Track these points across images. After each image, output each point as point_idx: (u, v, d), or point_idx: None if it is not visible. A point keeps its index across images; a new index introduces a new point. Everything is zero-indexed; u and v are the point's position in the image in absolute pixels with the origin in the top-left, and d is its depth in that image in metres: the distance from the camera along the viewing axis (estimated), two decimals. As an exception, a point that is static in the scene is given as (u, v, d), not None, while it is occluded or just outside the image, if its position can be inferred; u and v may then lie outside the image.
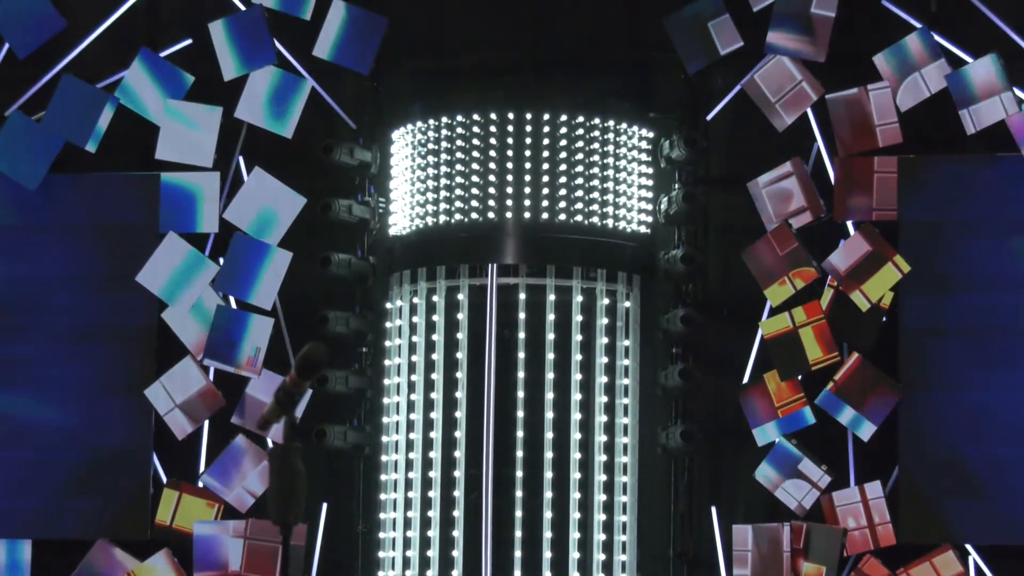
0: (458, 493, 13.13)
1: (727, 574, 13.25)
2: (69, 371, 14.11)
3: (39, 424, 14.11)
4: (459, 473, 13.16)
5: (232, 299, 13.91)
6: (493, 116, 13.36)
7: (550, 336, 13.20)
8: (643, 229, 13.65)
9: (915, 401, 13.19)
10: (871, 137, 13.30)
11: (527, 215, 13.30)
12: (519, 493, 13.03)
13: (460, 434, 13.18)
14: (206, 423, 13.90)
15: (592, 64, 13.97)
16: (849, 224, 13.36)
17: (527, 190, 13.33)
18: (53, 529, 14.02)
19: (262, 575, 13.24)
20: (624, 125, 13.55)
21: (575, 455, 13.14)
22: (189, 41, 14.17)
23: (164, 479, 13.90)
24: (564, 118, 13.38)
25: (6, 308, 14.28)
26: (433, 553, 13.16)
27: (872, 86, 13.30)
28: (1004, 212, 13.29)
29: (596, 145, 13.46)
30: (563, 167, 13.39)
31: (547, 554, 13.00)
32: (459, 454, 13.16)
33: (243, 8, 14.00)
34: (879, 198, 13.32)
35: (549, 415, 13.12)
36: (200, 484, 13.80)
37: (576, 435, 13.15)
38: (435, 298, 13.39)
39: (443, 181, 13.50)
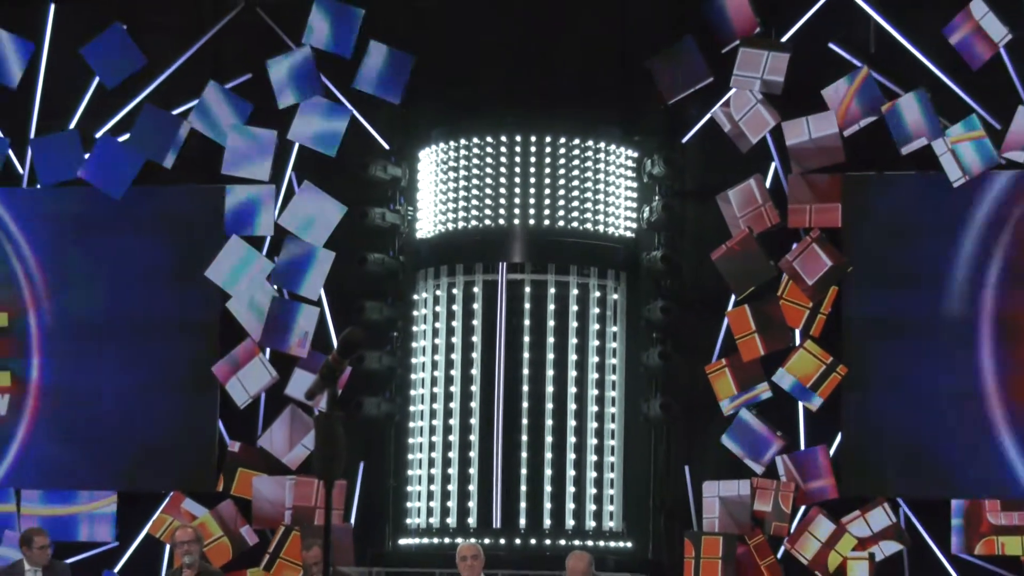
0: (473, 454, 13.24)
1: (697, 522, 13.30)
2: (148, 350, 14.19)
3: (124, 393, 14.21)
4: (474, 437, 13.28)
5: (284, 291, 14.02)
6: (503, 139, 13.48)
7: (550, 323, 13.35)
8: (628, 234, 13.76)
9: (854, 379, 13.25)
10: (820, 157, 13.30)
11: (531, 221, 13.45)
12: (524, 454, 13.18)
13: (475, 404, 13.33)
14: (263, 394, 14.00)
15: (586, 95, 13.92)
16: (801, 231, 13.37)
17: (531, 200, 13.46)
18: (135, 483, 14.15)
19: (308, 520, 13.29)
20: (613, 146, 13.67)
21: (571, 422, 13.29)
22: (249, 75, 14.27)
23: (228, 441, 14.00)
24: (563, 140, 13.49)
25: (97, 297, 14.35)
26: (452, 503, 13.29)
27: (820, 115, 13.27)
28: (926, 219, 13.31)
29: (589, 163, 13.57)
30: (562, 181, 13.49)
31: (547, 505, 13.18)
32: (474, 421, 13.31)
33: (295, 48, 14.06)
34: (826, 210, 13.35)
35: (549, 389, 13.28)
36: (258, 445, 13.89)
37: (572, 406, 13.31)
38: (454, 291, 13.54)
39: (461, 193, 13.61)
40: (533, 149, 13.56)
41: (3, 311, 14.58)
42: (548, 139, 13.56)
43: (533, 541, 13.15)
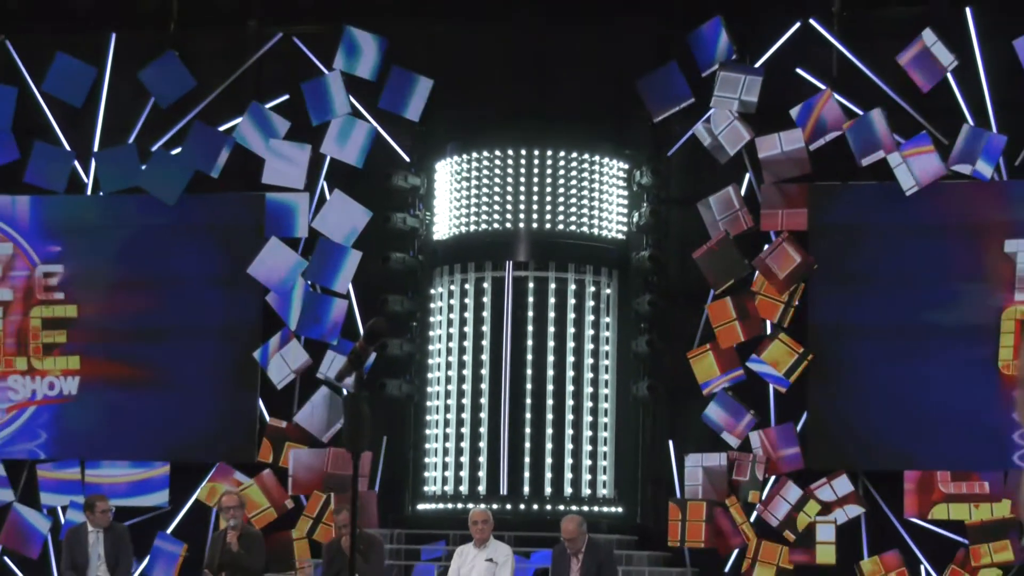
0: (483, 429, 13.17)
1: (680, 490, 13.21)
2: (198, 336, 14.07)
3: (178, 374, 14.06)
4: (483, 415, 13.19)
5: (317, 286, 13.91)
6: (509, 152, 13.39)
7: (551, 315, 13.26)
8: (620, 236, 13.65)
9: (818, 364, 13.13)
10: (788, 168, 13.22)
11: (534, 225, 13.35)
12: (527, 430, 13.11)
13: (484, 386, 13.24)
14: (298, 377, 13.83)
15: (583, 114, 13.79)
16: (772, 233, 13.29)
17: (534, 206, 13.36)
18: (186, 453, 13.99)
19: (338, 488, 13.20)
20: (606, 159, 13.56)
21: (569, 402, 13.20)
22: (287, 96, 14.13)
23: (267, 418, 13.88)
24: (562, 153, 13.40)
25: (154, 288, 14.21)
26: (464, 473, 13.23)
27: (789, 132, 13.19)
28: (883, 223, 13.19)
29: (585, 174, 13.46)
30: (561, 190, 13.39)
31: (548, 474, 13.10)
32: (483, 401, 13.22)
33: (326, 72, 13.97)
34: (794, 215, 13.25)
35: (550, 372, 13.20)
36: (294, 421, 13.74)
37: (570, 387, 13.23)
38: (467, 286, 13.45)
39: (473, 200, 13.51)
40: (536, 161, 13.49)
41: (73, 304, 14.39)
42: (549, 152, 13.49)
43: (535, 506, 13.10)
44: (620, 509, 13.44)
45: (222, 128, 14.20)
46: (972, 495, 12.79)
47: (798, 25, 13.50)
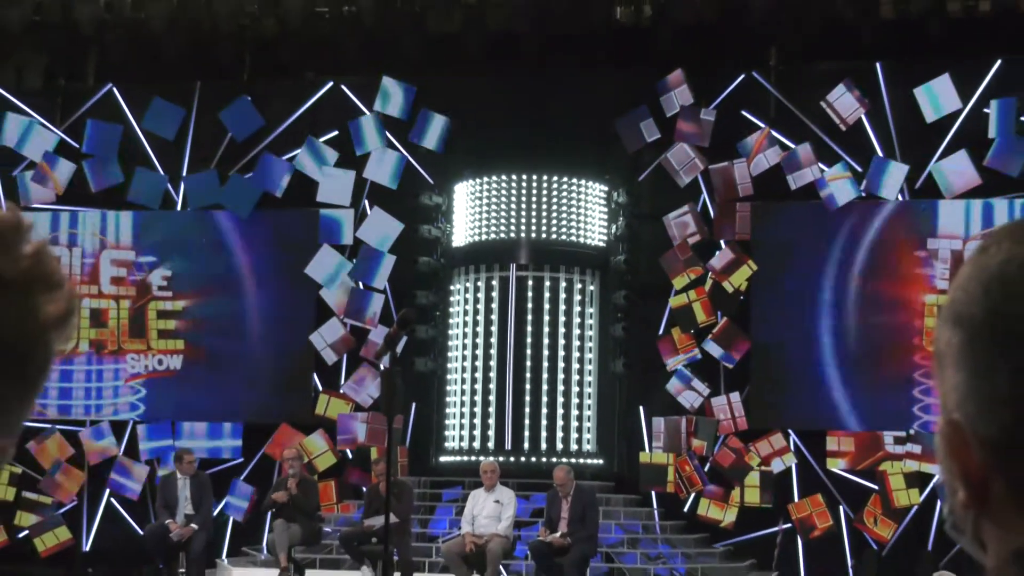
0: (492, 398, 13.10)
1: (648, 447, 13.14)
2: (265, 323, 14.00)
3: (251, 353, 13.98)
4: (492, 386, 13.15)
5: (360, 283, 13.85)
6: (513, 177, 13.37)
7: (546, 306, 13.22)
8: (601, 243, 13.60)
9: (758, 346, 13.12)
10: (735, 191, 13.22)
11: (533, 235, 13.31)
12: (527, 398, 13.06)
13: (493, 363, 13.19)
14: (344, 355, 13.79)
15: (572, 146, 13.61)
16: (722, 242, 13.27)
17: (533, 220, 13.32)
18: (256, 416, 13.90)
19: (376, 444, 13.10)
20: (590, 183, 13.53)
21: (560, 375, 13.16)
22: (335, 132, 14.03)
23: (320, 388, 13.84)
24: (555, 178, 13.36)
25: (231, 285, 14.08)
26: (477, 432, 13.19)
27: (736, 161, 13.21)
28: (812, 236, 13.14)
29: (574, 193, 13.45)
30: (554, 206, 13.35)
31: (543, 433, 13.08)
32: (492, 375, 13.17)
33: (368, 113, 13.93)
34: (739, 227, 13.23)
35: (546, 352, 13.15)
36: (342, 391, 13.75)
37: (561, 364, 13.18)
38: (479, 284, 13.39)
39: (484, 214, 13.47)
40: (534, 184, 13.45)
41: (180, 299, 14.33)
42: (544, 177, 13.44)
43: (533, 459, 13.03)
44: (601, 461, 13.37)
45: (285, 157, 14.14)
46: (884, 451, 12.74)
47: (743, 76, 13.45)
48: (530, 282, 13.29)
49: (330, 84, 14.22)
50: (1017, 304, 0.83)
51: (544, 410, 13.13)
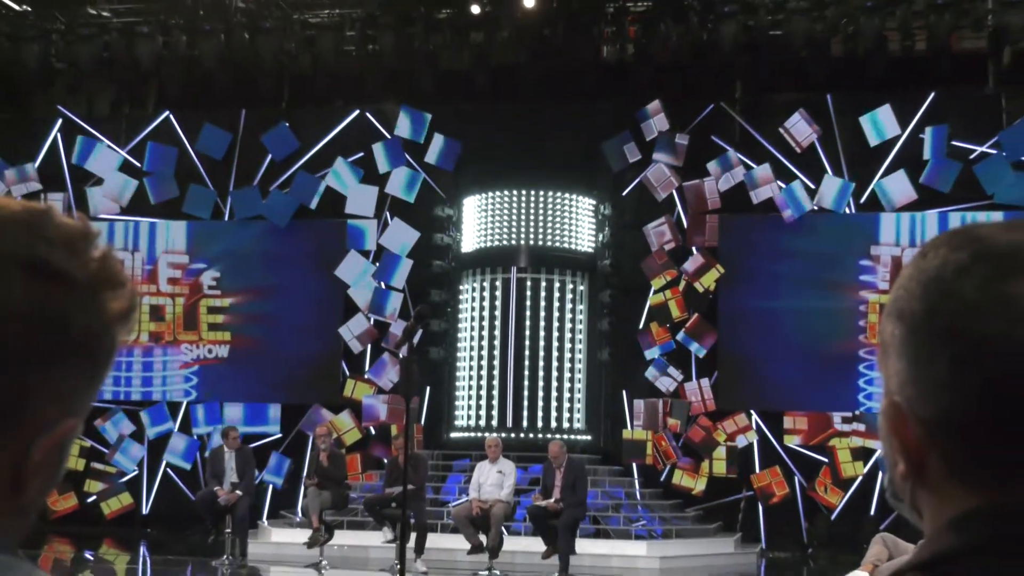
0: (495, 382, 13.04)
1: (630, 425, 13.11)
2: (301, 318, 13.87)
3: (288, 344, 13.82)
4: (496, 372, 13.10)
5: (382, 283, 13.77)
6: (515, 192, 13.32)
7: (542, 304, 13.18)
8: (590, 249, 13.54)
9: (725, 338, 13.07)
10: (705, 204, 13.18)
11: (531, 242, 13.25)
12: (526, 382, 13.02)
13: (496, 352, 13.15)
14: (368, 345, 13.75)
15: (565, 166, 13.51)
16: (693, 248, 13.22)
17: (531, 229, 13.27)
18: (292, 398, 13.83)
19: (396, 422, 13.06)
20: (581, 197, 13.48)
21: (554, 363, 13.11)
22: (361, 153, 13.98)
23: (347, 373, 13.78)
24: (551, 193, 13.33)
25: (272, 285, 13.94)
26: (482, 412, 13.14)
27: (706, 178, 13.18)
28: (771, 243, 13.08)
29: (566, 206, 13.39)
30: (549, 217, 13.31)
31: (539, 413, 13.04)
32: (496, 363, 13.13)
33: (389, 137, 13.88)
34: (709, 235, 13.20)
35: (541, 343, 13.11)
36: (366, 376, 13.69)
37: (555, 353, 13.13)
38: (484, 284, 13.34)
39: (488, 224, 13.42)
40: (532, 198, 13.42)
41: (228, 297, 14.26)
42: (541, 192, 13.41)
43: (531, 435, 12.98)
44: (589, 437, 13.31)
45: (317, 175, 14.08)
46: (833, 429, 12.69)
47: (712, 107, 13.41)
48: (528, 283, 13.24)
49: (356, 112, 14.19)
50: (952, 303, 0.83)
51: (540, 393, 13.09)
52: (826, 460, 12.66)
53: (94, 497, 13.90)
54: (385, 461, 12.43)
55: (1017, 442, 0.82)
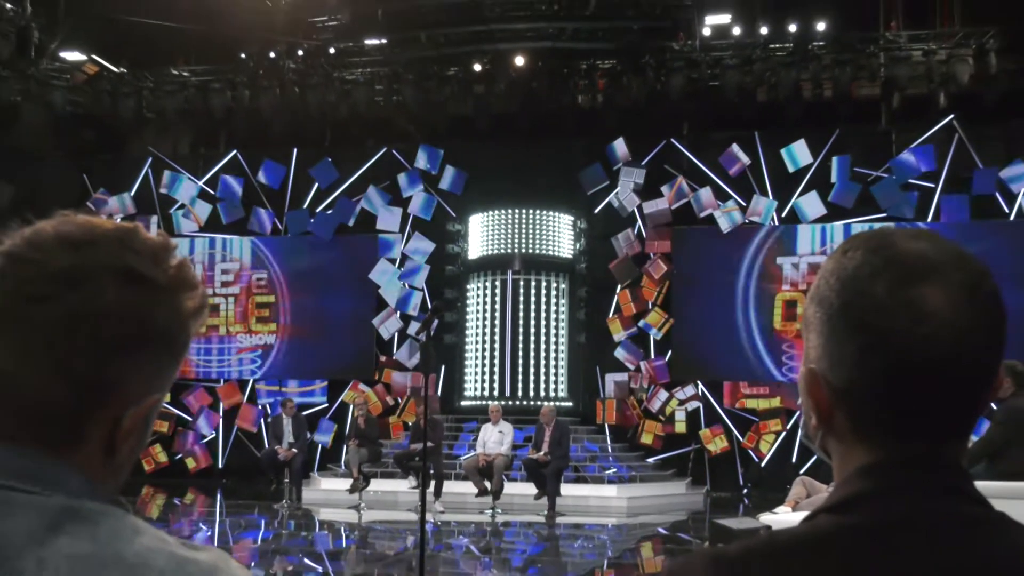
0: (496, 359, 12.92)
1: (603, 393, 12.99)
2: (341, 312, 13.70)
3: (330, 333, 13.70)
4: (496, 352, 12.98)
5: (406, 284, 13.68)
6: (509, 211, 13.21)
7: (532, 299, 13.08)
8: (569, 256, 13.41)
9: (677, 324, 12.98)
10: (660, 219, 13.09)
11: (523, 250, 13.14)
12: (520, 361, 12.92)
13: (497, 338, 13.02)
14: (396, 333, 13.63)
15: (549, 189, 13.39)
16: (651, 254, 13.13)
17: (523, 240, 13.15)
18: (336, 375, 13.71)
19: (417, 395, 13.02)
20: (562, 214, 13.34)
21: (543, 345, 13.01)
22: (388, 182, 13.89)
23: (379, 355, 13.62)
24: (537, 211, 13.21)
25: (317, 286, 13.83)
26: (485, 382, 13.03)
27: (660, 199, 13.10)
28: (712, 250, 12.97)
29: (551, 222, 13.27)
30: (538, 231, 13.19)
31: (531, 384, 12.93)
32: (496, 345, 13.00)
33: (410, 168, 13.79)
34: (663, 244, 13.11)
35: (532, 330, 12.99)
36: (394, 358, 13.58)
37: (543, 338, 13.02)
38: (487, 284, 13.22)
39: (491, 236, 13.30)
40: (524, 215, 13.28)
41: (270, 295, 14.13)
42: (531, 211, 13.28)
43: (526, 402, 12.85)
44: (571, 403, 13.19)
45: (354, 199, 13.97)
46: (760, 394, 12.66)
47: (664, 142, 13.34)
48: (521, 283, 13.16)
49: (384, 150, 14.08)
50: (865, 301, 0.83)
51: (531, 369, 13.00)
52: (756, 419, 12.63)
53: (180, 455, 13.85)
54: (409, 424, 12.41)
55: (905, 413, 0.83)
